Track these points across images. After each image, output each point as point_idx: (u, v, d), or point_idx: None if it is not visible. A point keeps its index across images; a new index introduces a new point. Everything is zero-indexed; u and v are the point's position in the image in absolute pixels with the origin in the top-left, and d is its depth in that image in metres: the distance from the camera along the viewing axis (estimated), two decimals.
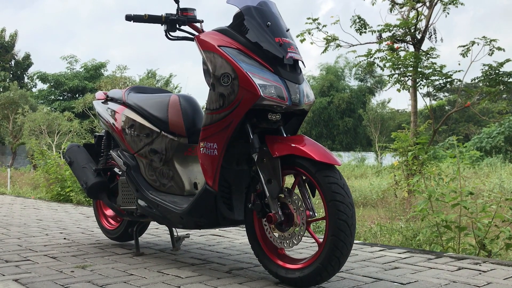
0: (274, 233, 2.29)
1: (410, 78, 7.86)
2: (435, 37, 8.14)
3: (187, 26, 2.70)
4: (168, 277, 2.43)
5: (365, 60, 8.29)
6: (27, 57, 37.38)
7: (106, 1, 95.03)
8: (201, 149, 2.38)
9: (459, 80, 7.89)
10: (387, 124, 29.68)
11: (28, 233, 4.01)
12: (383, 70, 8.14)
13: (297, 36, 8.64)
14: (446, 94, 34.70)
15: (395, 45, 8.10)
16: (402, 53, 7.95)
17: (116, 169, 3.26)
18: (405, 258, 2.96)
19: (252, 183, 2.37)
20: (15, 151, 26.98)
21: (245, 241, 3.54)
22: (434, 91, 8.12)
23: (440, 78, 7.56)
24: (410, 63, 7.51)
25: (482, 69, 7.59)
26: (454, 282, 2.35)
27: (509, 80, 7.43)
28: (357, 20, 8.37)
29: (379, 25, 8.18)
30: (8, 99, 26.05)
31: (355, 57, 8.43)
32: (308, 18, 8.51)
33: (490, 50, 7.55)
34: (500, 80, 7.42)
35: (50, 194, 8.08)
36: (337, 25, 8.57)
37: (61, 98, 33.11)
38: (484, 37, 7.52)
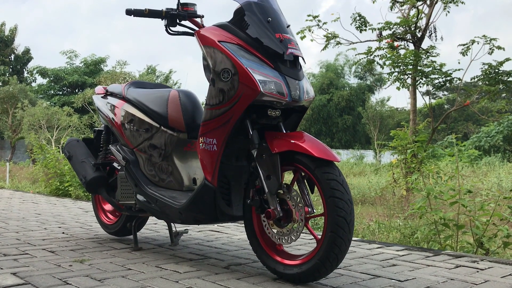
0: (273, 229, 2.29)
1: (410, 76, 7.87)
2: (435, 36, 8.16)
3: (187, 21, 2.69)
4: (166, 272, 2.43)
5: (365, 58, 8.30)
6: (26, 51, 37.34)
7: None
8: (201, 144, 2.38)
9: (459, 79, 7.90)
10: (386, 122, 29.69)
11: (26, 227, 4.01)
12: (382, 68, 8.16)
13: (297, 33, 8.65)
14: (446, 92, 34.74)
15: (395, 43, 8.11)
16: (402, 51, 7.96)
17: (115, 164, 3.26)
18: (403, 255, 2.97)
19: (251, 179, 2.37)
20: (14, 145, 26.98)
21: (243, 237, 3.55)
22: (434, 89, 8.14)
23: (439, 76, 7.57)
24: (410, 61, 7.52)
25: (482, 68, 7.61)
26: (451, 279, 2.36)
27: (508, 79, 7.44)
28: (358, 18, 8.38)
29: (379, 23, 8.20)
30: (8, 94, 26.03)
31: (355, 55, 8.46)
32: (309, 15, 8.53)
33: (490, 49, 7.57)
34: (499, 79, 7.44)
35: (49, 188, 8.09)
36: (338, 23, 8.60)
37: (61, 93, 33.09)
38: (484, 36, 7.53)
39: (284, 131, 2.36)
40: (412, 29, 8.03)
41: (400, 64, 7.61)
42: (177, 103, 2.84)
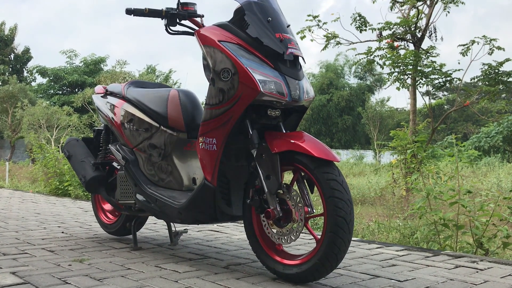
0: (272, 229, 2.29)
1: (410, 76, 7.86)
2: (435, 36, 8.15)
3: (187, 21, 2.69)
4: (165, 272, 2.43)
5: (365, 58, 8.29)
6: (26, 51, 37.34)
7: None
8: (200, 144, 2.38)
9: (459, 79, 7.90)
10: (386, 123, 29.71)
11: (26, 226, 4.01)
12: (382, 68, 8.15)
13: (297, 33, 8.64)
14: (445, 93, 34.74)
15: (395, 43, 8.11)
16: (402, 52, 7.95)
17: (115, 164, 3.26)
18: (402, 255, 2.97)
19: (251, 179, 2.37)
20: (14, 144, 26.97)
21: (243, 236, 3.54)
22: (434, 90, 8.14)
23: (439, 77, 7.57)
24: (410, 61, 7.51)
25: (482, 68, 7.61)
26: (451, 280, 2.36)
27: (508, 80, 7.44)
28: (358, 18, 8.37)
29: (379, 23, 8.19)
30: (7, 93, 26.03)
31: (355, 55, 8.45)
32: (309, 15, 8.52)
33: (490, 49, 7.56)
34: (499, 79, 7.43)
35: (49, 188, 8.08)
36: (338, 23, 8.59)
37: (61, 92, 33.06)
38: (484, 36, 7.53)
39: (284, 131, 2.36)
40: (412, 29, 8.02)
41: (400, 64, 7.61)
42: (177, 103, 2.84)
